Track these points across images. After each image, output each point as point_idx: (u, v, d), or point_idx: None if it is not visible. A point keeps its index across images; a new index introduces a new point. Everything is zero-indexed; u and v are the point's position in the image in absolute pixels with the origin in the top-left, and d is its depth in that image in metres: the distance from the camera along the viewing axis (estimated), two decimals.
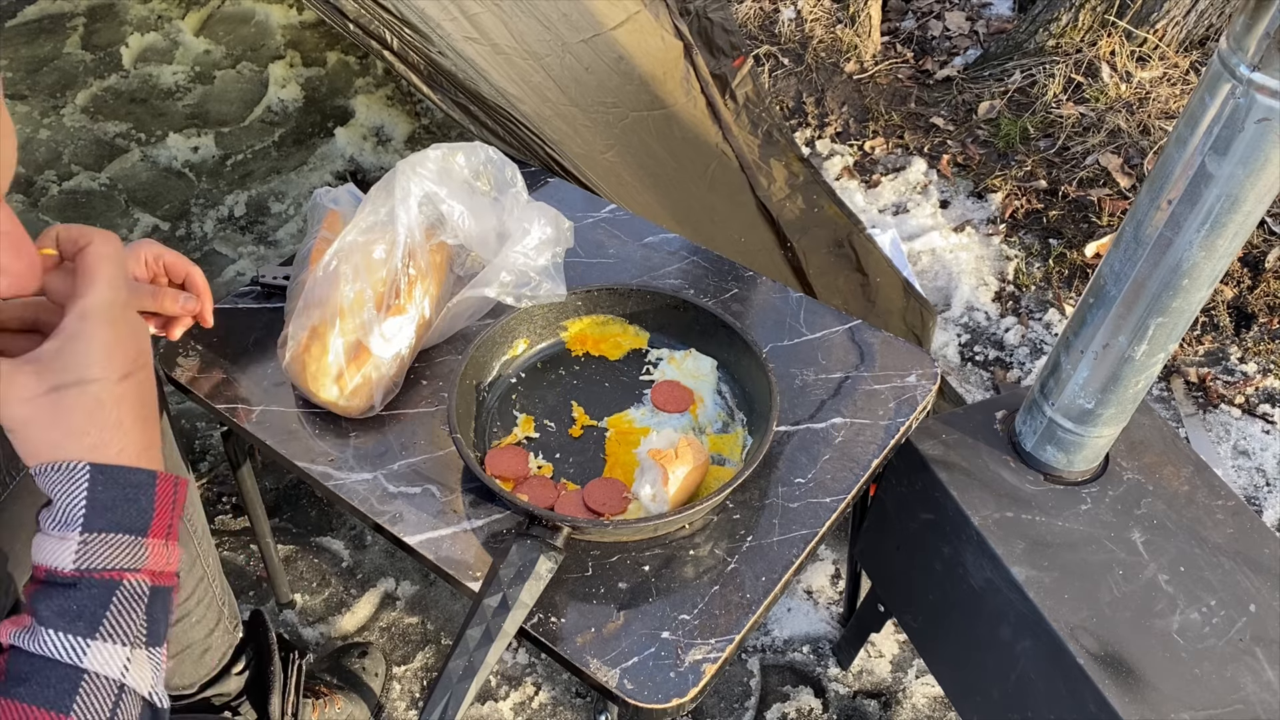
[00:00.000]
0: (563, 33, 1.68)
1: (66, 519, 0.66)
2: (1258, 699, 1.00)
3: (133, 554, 0.66)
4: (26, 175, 2.58)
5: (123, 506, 0.66)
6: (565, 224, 1.22)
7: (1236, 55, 0.83)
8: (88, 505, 0.65)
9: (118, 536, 0.66)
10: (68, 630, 0.63)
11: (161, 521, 0.68)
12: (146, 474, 0.68)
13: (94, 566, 0.65)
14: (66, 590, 0.64)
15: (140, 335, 0.71)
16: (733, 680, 1.62)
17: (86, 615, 0.64)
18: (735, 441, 1.15)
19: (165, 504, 0.68)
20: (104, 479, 0.66)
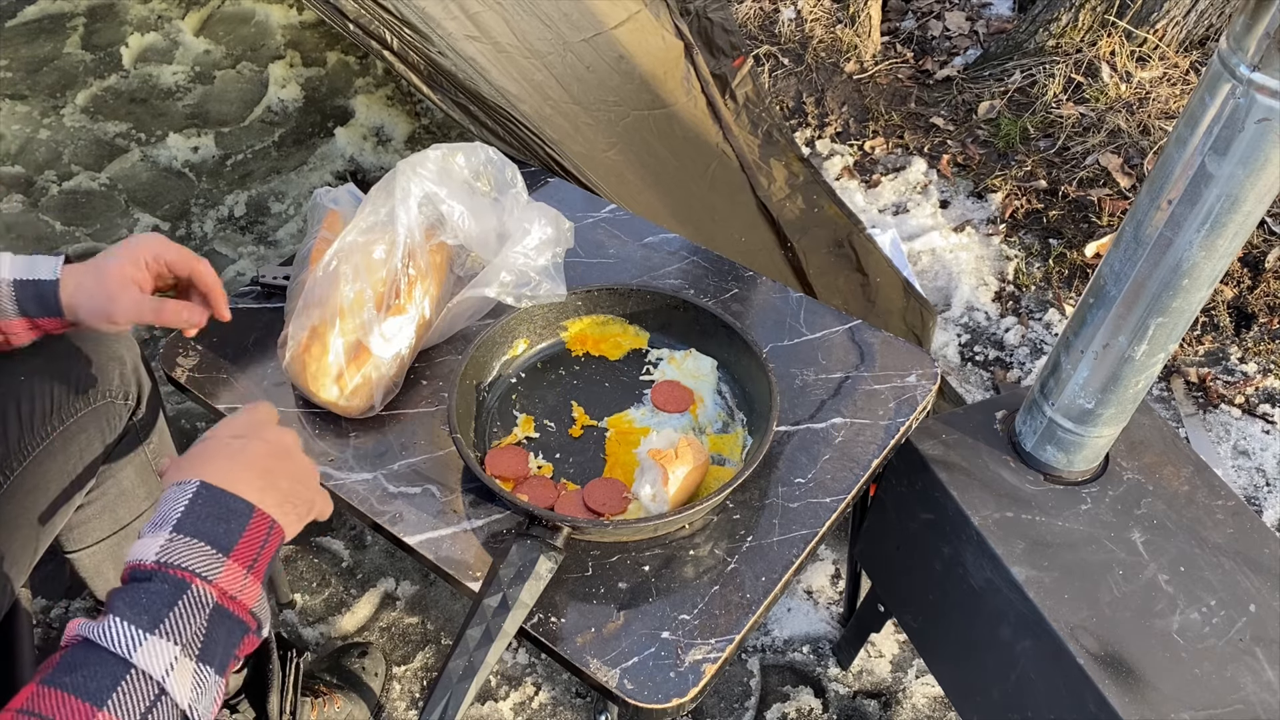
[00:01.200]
0: (564, 31, 1.68)
1: (163, 520, 0.72)
2: (1258, 699, 1.00)
3: (209, 564, 0.70)
4: (26, 175, 2.58)
5: (214, 521, 0.72)
6: (565, 224, 1.22)
7: (1236, 55, 0.83)
8: (185, 511, 0.72)
9: (201, 544, 0.71)
10: (133, 621, 0.66)
11: (246, 550, 0.73)
12: (247, 505, 0.75)
13: (171, 562, 0.69)
14: (142, 584, 0.69)
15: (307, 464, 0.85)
16: (733, 680, 1.62)
17: (152, 609, 0.67)
18: (735, 441, 1.15)
19: (255, 536, 0.74)
20: (208, 495, 0.74)
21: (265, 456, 0.80)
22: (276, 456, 0.81)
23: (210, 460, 0.77)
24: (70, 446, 1.10)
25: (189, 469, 0.77)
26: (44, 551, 1.11)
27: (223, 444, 0.80)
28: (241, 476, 0.76)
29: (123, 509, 1.21)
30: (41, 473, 1.08)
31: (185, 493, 0.73)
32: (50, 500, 1.09)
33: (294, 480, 0.81)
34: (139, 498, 1.22)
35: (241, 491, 0.75)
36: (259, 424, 0.83)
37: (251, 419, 0.84)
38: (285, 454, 0.82)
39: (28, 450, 1.06)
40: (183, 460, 0.79)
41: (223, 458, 0.78)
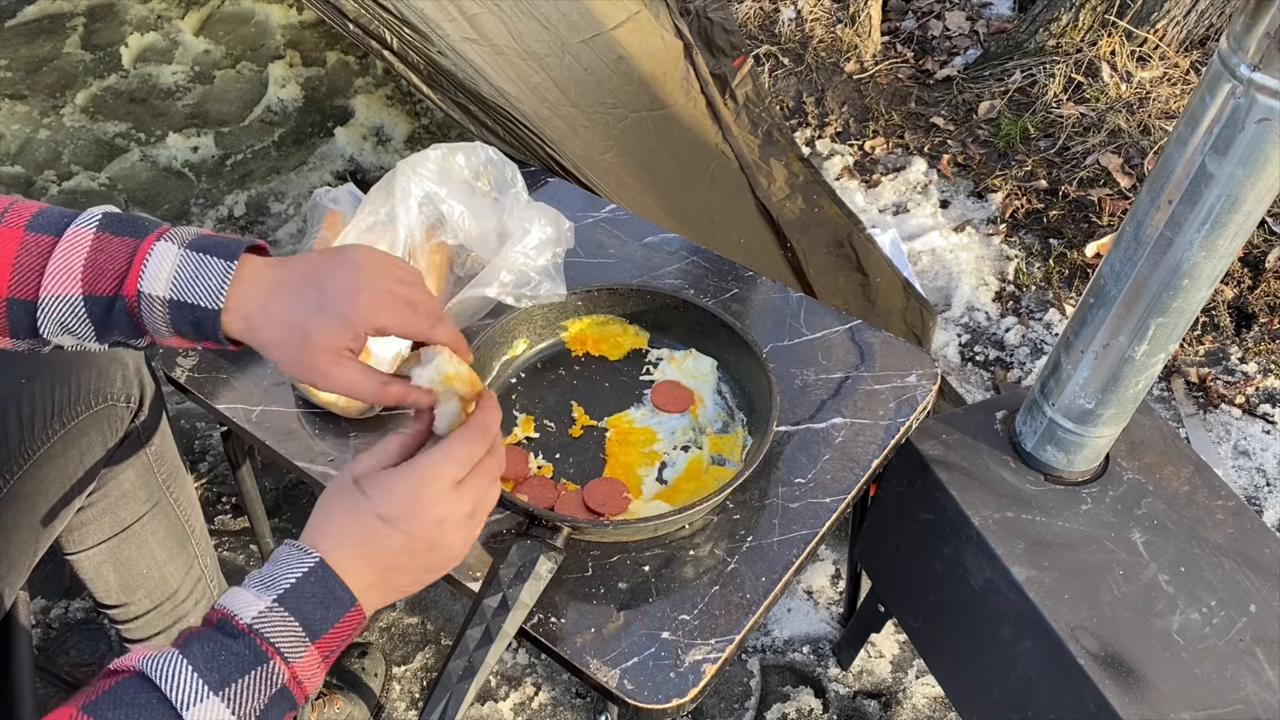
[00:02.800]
0: (562, 33, 1.68)
1: (272, 584, 0.69)
2: (1258, 699, 1.00)
3: (295, 646, 0.68)
4: (26, 175, 2.58)
5: (316, 604, 0.69)
6: (565, 224, 1.22)
7: (1236, 55, 0.83)
8: (294, 585, 0.69)
9: (295, 625, 0.68)
10: (203, 676, 0.63)
11: (332, 641, 0.70)
12: (351, 598, 0.70)
13: (262, 632, 0.66)
14: (226, 639, 0.66)
15: (430, 519, 0.73)
16: (733, 680, 1.62)
17: (226, 670, 0.64)
18: (735, 441, 1.15)
19: (345, 630, 0.71)
20: (321, 575, 0.70)
21: (398, 553, 0.72)
22: (412, 554, 0.72)
23: (346, 533, 0.71)
24: (71, 450, 1.10)
25: (319, 528, 0.72)
26: (44, 553, 1.11)
27: (363, 520, 0.71)
28: (360, 569, 0.71)
29: (123, 511, 1.21)
30: (42, 476, 1.07)
31: (302, 564, 0.69)
32: (51, 503, 1.09)
33: (417, 576, 0.75)
34: (140, 500, 1.22)
35: (351, 582, 0.70)
36: (423, 505, 0.72)
37: (418, 495, 0.72)
38: (428, 549, 0.73)
39: (29, 453, 1.06)
40: (323, 509, 0.73)
41: (353, 540, 0.71)
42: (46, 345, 0.82)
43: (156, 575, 1.27)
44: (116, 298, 0.77)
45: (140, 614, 1.28)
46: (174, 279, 0.77)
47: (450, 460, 0.74)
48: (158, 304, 0.77)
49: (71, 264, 0.77)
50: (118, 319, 0.78)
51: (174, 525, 1.27)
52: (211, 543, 1.37)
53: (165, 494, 1.25)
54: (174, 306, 0.77)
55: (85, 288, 0.77)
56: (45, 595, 1.69)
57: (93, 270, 0.77)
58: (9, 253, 0.76)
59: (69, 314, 0.78)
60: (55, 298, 0.77)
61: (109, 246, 0.78)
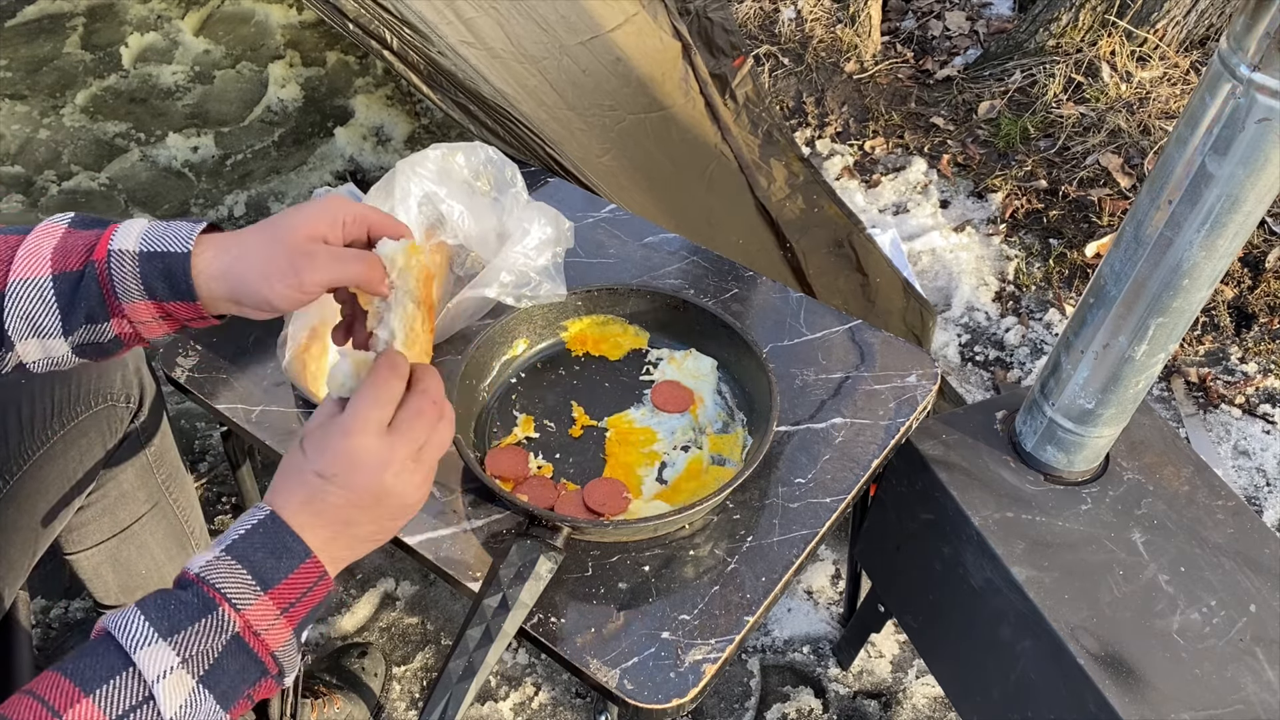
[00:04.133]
0: (560, 35, 1.68)
1: (224, 537, 0.70)
2: (1258, 699, 1.00)
3: (244, 593, 0.67)
4: (26, 175, 2.58)
5: (265, 554, 0.69)
6: (565, 224, 1.22)
7: (1236, 55, 0.83)
8: (242, 535, 0.69)
9: (243, 572, 0.68)
10: (152, 623, 0.65)
11: (286, 593, 0.69)
12: (304, 549, 0.70)
13: (208, 579, 0.67)
14: (177, 591, 0.68)
15: (366, 471, 0.71)
16: (733, 680, 1.62)
17: (173, 618, 0.66)
18: (735, 441, 1.15)
19: (300, 582, 0.70)
20: (271, 526, 0.70)
21: (345, 508, 0.71)
22: (360, 506, 0.71)
23: (291, 492, 0.72)
24: (71, 450, 1.10)
25: (273, 489, 0.72)
26: (43, 553, 1.11)
27: (304, 478, 0.71)
28: (309, 522, 0.71)
29: (123, 511, 1.21)
30: (42, 476, 1.07)
31: (252, 518, 0.71)
32: (51, 503, 1.09)
33: (380, 525, 0.74)
34: (139, 500, 1.22)
35: (306, 536, 0.70)
36: (357, 457, 0.71)
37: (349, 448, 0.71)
38: (375, 500, 0.72)
39: (29, 454, 1.06)
40: (281, 471, 0.73)
41: (298, 498, 0.71)
42: (6, 360, 0.81)
43: (156, 576, 1.27)
44: (86, 268, 0.78)
45: None
46: (143, 236, 0.79)
47: (374, 405, 0.72)
48: (128, 259, 0.78)
49: (41, 250, 0.78)
50: (86, 293, 0.78)
51: (174, 526, 1.27)
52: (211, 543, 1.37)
53: (165, 494, 1.25)
54: (144, 259, 0.78)
55: (54, 267, 0.78)
56: (45, 595, 1.69)
57: (61, 252, 0.78)
58: None
59: (36, 300, 0.77)
60: (23, 281, 0.77)
61: (79, 234, 0.80)
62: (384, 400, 0.73)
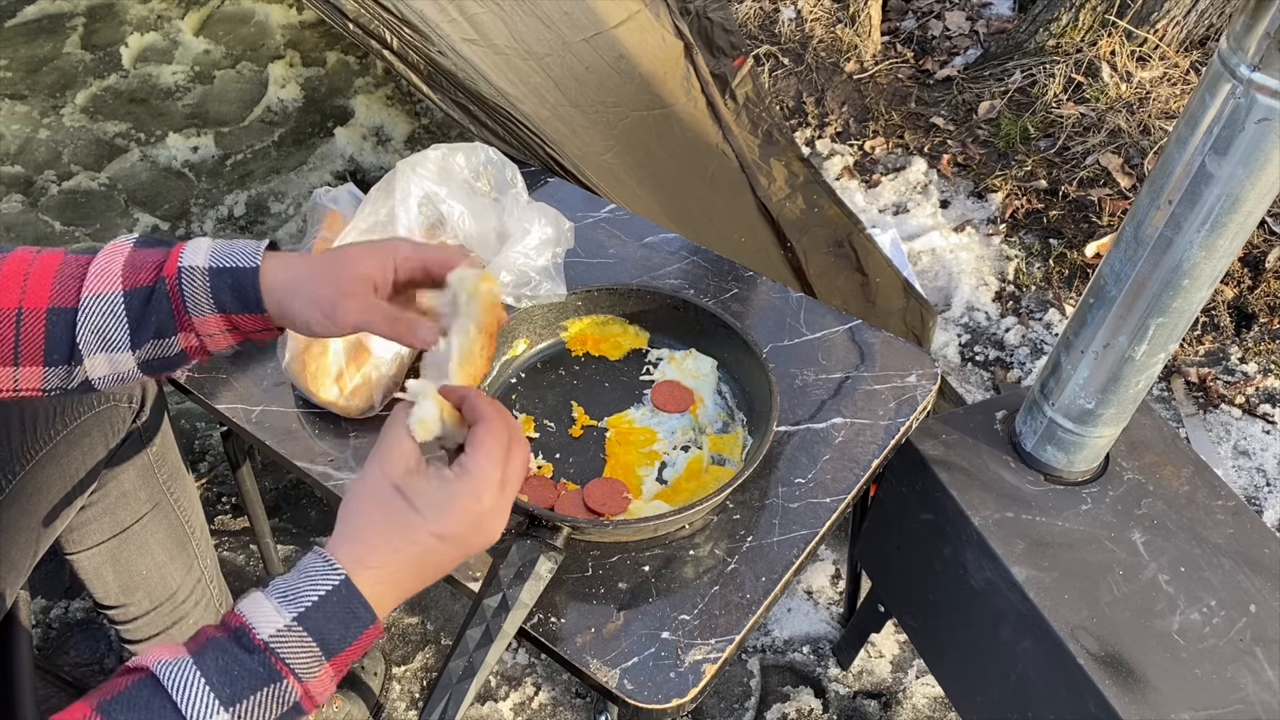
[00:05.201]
0: (564, 31, 1.68)
1: (294, 600, 0.68)
2: (1258, 699, 1.00)
3: (310, 666, 0.67)
4: (26, 175, 2.58)
5: (336, 624, 0.68)
6: (565, 224, 1.22)
7: (1236, 55, 0.83)
8: (316, 603, 0.67)
9: (311, 644, 0.67)
10: (214, 690, 0.63)
11: (346, 658, 0.69)
12: (371, 616, 0.69)
13: (278, 652, 0.66)
14: (241, 654, 0.65)
15: (485, 531, 0.73)
16: (733, 680, 1.62)
17: (238, 685, 0.64)
18: (735, 441, 1.15)
19: (359, 648, 0.70)
20: (345, 595, 0.68)
21: (449, 564, 0.73)
22: (453, 565, 0.73)
23: (395, 548, 0.70)
24: (73, 451, 1.10)
25: (354, 538, 0.70)
26: (44, 553, 1.11)
27: (417, 537, 0.70)
28: (394, 590, 0.70)
29: (123, 512, 1.21)
30: (44, 476, 1.07)
31: (327, 580, 0.68)
32: (52, 503, 1.09)
33: (440, 577, 0.75)
34: (140, 500, 1.22)
35: (376, 603, 0.69)
36: (479, 518, 0.72)
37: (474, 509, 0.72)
38: (478, 548, 0.74)
39: (31, 454, 1.06)
40: (359, 515, 0.71)
41: (403, 556, 0.70)
42: (74, 375, 0.83)
43: (156, 576, 1.27)
44: (157, 284, 0.81)
45: (140, 615, 1.28)
46: (212, 252, 0.83)
47: (496, 464, 0.74)
48: (198, 275, 0.81)
49: (112, 267, 0.81)
50: (156, 307, 0.81)
51: (174, 526, 1.27)
52: (212, 543, 1.37)
53: (166, 495, 1.25)
54: (214, 274, 0.82)
55: (125, 283, 0.81)
56: (45, 595, 1.69)
57: (131, 267, 0.81)
58: (51, 267, 0.81)
59: (108, 315, 0.80)
60: (96, 296, 0.80)
61: (146, 252, 0.83)
62: (501, 456, 0.74)
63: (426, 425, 0.75)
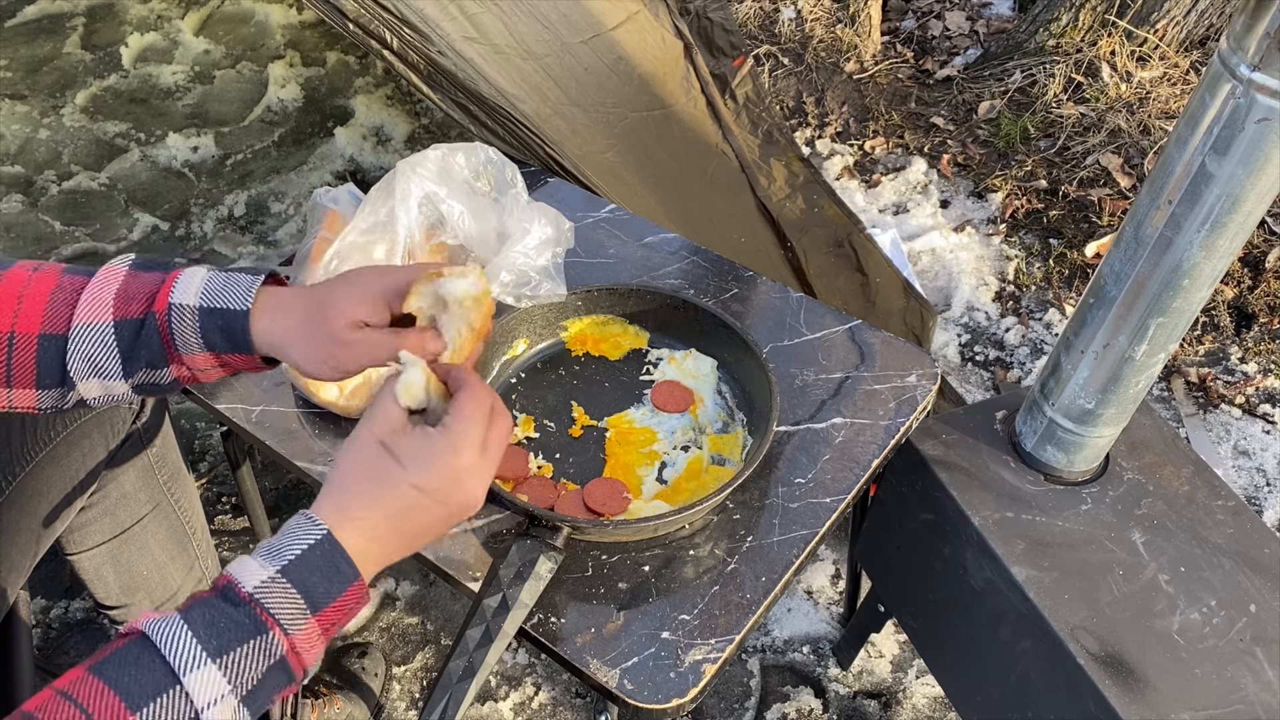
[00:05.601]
0: (562, 33, 1.68)
1: (278, 555, 0.68)
2: (1258, 699, 1.00)
3: (296, 617, 0.67)
4: (26, 175, 2.58)
5: (320, 578, 0.69)
6: (565, 224, 1.22)
7: (1236, 55, 0.83)
8: (299, 556, 0.68)
9: (296, 595, 0.68)
10: (201, 641, 0.64)
11: (332, 616, 0.70)
12: (355, 571, 0.70)
13: (263, 602, 0.66)
14: (227, 607, 0.66)
15: (465, 489, 0.74)
16: (733, 680, 1.62)
17: (224, 637, 0.65)
18: (735, 441, 1.15)
19: (346, 606, 0.70)
20: (328, 548, 0.69)
21: (431, 522, 0.73)
22: (444, 519, 0.74)
23: (375, 500, 0.71)
24: (74, 451, 1.10)
25: (339, 495, 0.71)
26: (45, 553, 1.11)
27: (398, 490, 0.71)
28: (376, 546, 0.71)
29: (124, 512, 1.21)
30: (44, 477, 1.07)
31: (309, 535, 0.69)
32: (53, 504, 1.09)
33: (443, 529, 0.75)
34: (140, 501, 1.22)
35: (360, 560, 0.70)
36: (459, 473, 0.73)
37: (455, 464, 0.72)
38: (459, 511, 0.74)
39: (31, 455, 1.06)
40: (344, 473, 0.72)
41: (384, 509, 0.71)
42: (69, 398, 0.83)
43: (157, 576, 1.27)
44: (146, 317, 0.80)
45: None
46: (203, 290, 0.81)
47: (476, 423, 0.74)
48: (188, 314, 0.80)
49: (103, 295, 0.80)
50: (147, 341, 0.81)
51: (175, 526, 1.27)
52: (212, 542, 1.37)
53: (166, 495, 1.25)
54: (204, 314, 0.80)
55: (116, 314, 0.80)
56: (45, 595, 1.69)
57: (123, 297, 0.80)
58: (45, 291, 0.80)
59: (98, 344, 0.80)
60: (86, 326, 0.80)
61: (140, 278, 0.82)
62: (482, 419, 0.75)
63: (411, 390, 0.76)
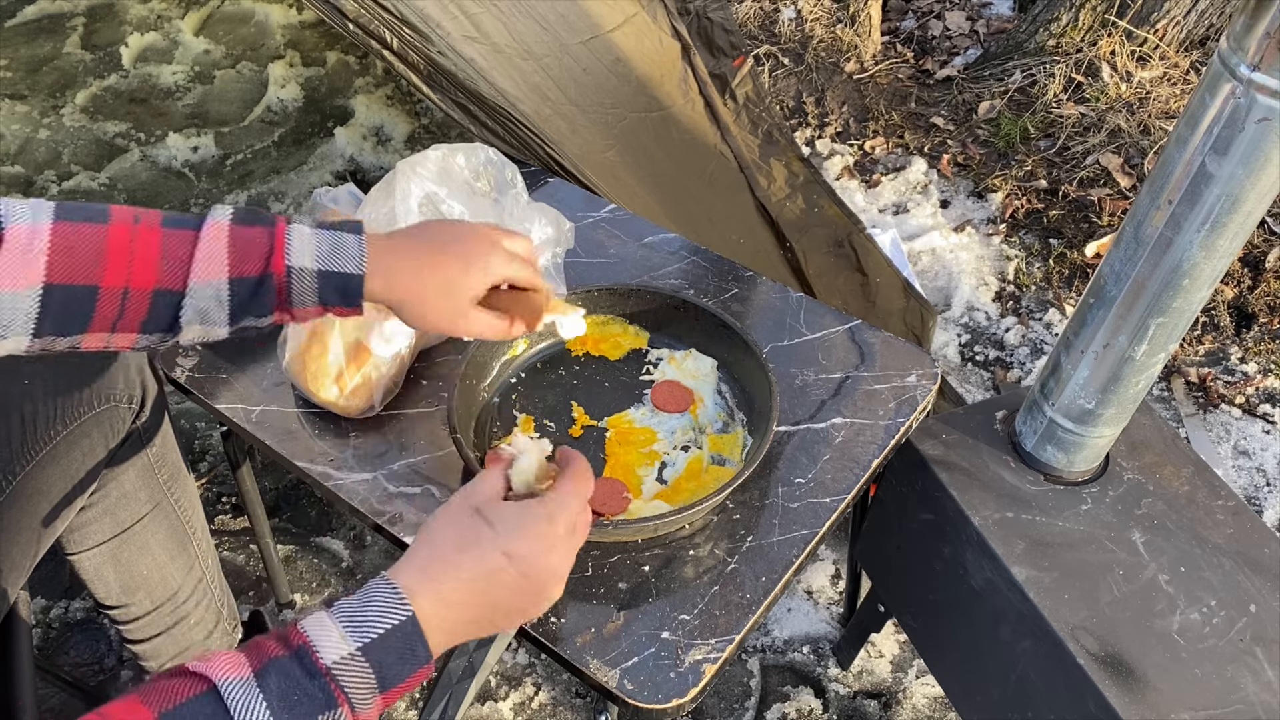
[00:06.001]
0: (561, 34, 1.68)
1: (361, 630, 0.67)
2: (1258, 699, 1.00)
3: (365, 698, 0.67)
4: (26, 175, 2.58)
5: (396, 659, 0.68)
6: (565, 224, 1.22)
7: (1236, 55, 0.83)
8: (381, 636, 0.67)
9: (371, 676, 0.67)
10: (273, 711, 0.63)
11: (395, 694, 0.69)
12: (428, 655, 0.70)
13: (339, 680, 0.65)
14: (303, 678, 0.65)
15: (550, 564, 0.74)
16: (733, 680, 1.62)
17: (296, 710, 0.64)
18: (735, 441, 1.15)
19: (411, 685, 0.70)
20: (410, 632, 0.68)
21: (510, 595, 0.72)
22: (521, 593, 0.73)
23: (461, 564, 0.71)
24: (74, 451, 1.10)
25: (424, 563, 0.71)
26: (45, 553, 1.11)
27: (483, 552, 0.72)
28: (451, 615, 0.70)
29: (124, 512, 1.21)
30: (45, 476, 1.07)
31: (394, 614, 0.68)
32: (53, 503, 1.09)
33: (518, 614, 0.75)
34: (141, 500, 1.22)
35: (434, 639, 0.69)
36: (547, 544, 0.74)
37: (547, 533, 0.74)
38: (536, 591, 0.74)
39: (31, 454, 1.06)
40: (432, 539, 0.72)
41: (468, 574, 0.71)
42: (168, 341, 0.87)
43: (157, 576, 1.27)
44: (264, 276, 0.84)
45: (141, 615, 1.28)
46: (317, 253, 0.86)
47: (574, 497, 0.77)
48: (308, 276, 0.85)
49: (216, 252, 0.83)
50: (262, 297, 0.85)
51: (175, 526, 1.28)
52: (212, 542, 1.37)
53: (166, 495, 1.25)
54: (322, 276, 0.86)
55: (231, 271, 0.83)
56: (45, 595, 1.69)
57: (237, 254, 0.84)
58: (154, 246, 0.82)
59: (212, 300, 0.83)
60: (204, 283, 0.83)
61: (247, 234, 0.84)
62: (581, 499, 0.77)
63: (525, 476, 0.80)
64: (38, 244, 0.78)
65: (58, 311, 0.79)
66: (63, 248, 0.79)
